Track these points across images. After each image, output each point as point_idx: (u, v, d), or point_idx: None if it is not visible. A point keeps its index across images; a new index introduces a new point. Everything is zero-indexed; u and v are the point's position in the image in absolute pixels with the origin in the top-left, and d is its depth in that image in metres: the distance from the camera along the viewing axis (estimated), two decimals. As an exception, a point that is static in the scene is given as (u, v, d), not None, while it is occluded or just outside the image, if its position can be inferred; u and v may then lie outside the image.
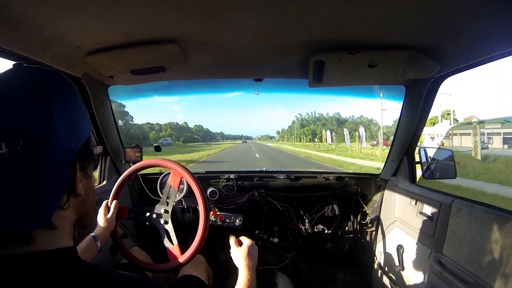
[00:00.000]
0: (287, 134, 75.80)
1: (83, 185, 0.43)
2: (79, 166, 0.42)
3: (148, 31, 0.86)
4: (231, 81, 1.70)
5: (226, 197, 1.62)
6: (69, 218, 0.42)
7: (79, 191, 0.41)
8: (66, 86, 0.42)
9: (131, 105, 69.11)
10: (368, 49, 0.97)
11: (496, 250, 0.84)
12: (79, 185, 0.41)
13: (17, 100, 0.35)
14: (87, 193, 0.44)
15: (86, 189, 0.44)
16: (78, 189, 0.41)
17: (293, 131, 69.14)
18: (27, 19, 0.72)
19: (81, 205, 0.44)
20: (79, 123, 0.42)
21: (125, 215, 1.01)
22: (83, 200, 0.44)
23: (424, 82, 1.21)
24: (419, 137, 1.43)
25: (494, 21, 0.74)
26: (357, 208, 1.79)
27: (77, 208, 0.43)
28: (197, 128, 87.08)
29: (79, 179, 0.41)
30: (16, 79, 0.38)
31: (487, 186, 7.65)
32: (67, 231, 0.42)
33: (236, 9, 0.74)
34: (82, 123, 0.43)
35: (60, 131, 0.37)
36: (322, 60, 1.05)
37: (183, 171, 0.97)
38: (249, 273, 0.74)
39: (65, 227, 0.41)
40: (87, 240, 0.87)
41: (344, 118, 55.63)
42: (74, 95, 0.43)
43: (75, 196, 0.41)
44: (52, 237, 0.39)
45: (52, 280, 0.35)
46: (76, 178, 0.40)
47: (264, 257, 1.70)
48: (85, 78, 1.18)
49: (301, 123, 67.40)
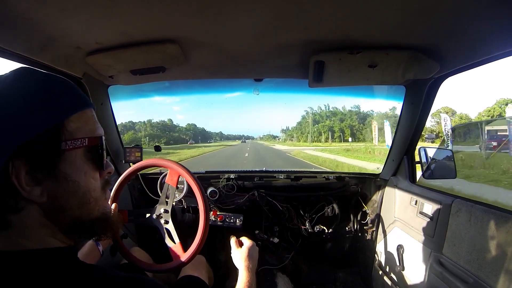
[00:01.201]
0: (297, 132, 64.36)
1: (46, 189, 0.38)
2: (28, 165, 0.36)
3: (148, 31, 0.86)
4: (231, 81, 1.70)
5: (226, 197, 1.62)
6: (40, 222, 0.39)
7: (25, 194, 0.36)
8: (6, 79, 0.38)
9: (130, 105, 67.81)
10: (368, 49, 0.98)
11: (496, 250, 0.84)
12: (25, 188, 0.36)
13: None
14: (58, 199, 0.39)
15: (55, 193, 0.39)
16: (23, 193, 0.36)
17: (304, 128, 58.84)
18: (27, 19, 0.72)
19: (56, 212, 0.40)
20: (17, 117, 0.36)
21: (125, 218, 1.01)
22: (55, 207, 0.39)
23: (424, 82, 1.21)
24: (419, 137, 1.43)
25: (494, 21, 0.74)
26: (357, 208, 1.79)
27: (51, 214, 0.39)
28: (190, 127, 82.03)
29: (22, 182, 0.36)
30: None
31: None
32: (45, 233, 0.39)
33: (236, 9, 0.74)
34: (28, 115, 0.37)
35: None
36: (322, 60, 1.05)
37: (182, 170, 0.97)
38: (249, 275, 0.74)
39: (33, 229, 0.38)
40: (89, 245, 0.87)
41: (366, 112, 47.99)
42: (16, 86, 0.38)
43: (30, 200, 0.37)
44: (8, 237, 0.37)
45: (50, 280, 0.35)
46: (12, 179, 0.35)
47: (264, 257, 1.70)
48: (85, 78, 1.18)
49: (314, 118, 56.77)
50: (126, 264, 1.02)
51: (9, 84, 0.38)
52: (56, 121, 0.39)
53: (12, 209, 0.37)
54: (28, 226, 0.38)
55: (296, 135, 63.60)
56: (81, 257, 0.43)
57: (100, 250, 0.87)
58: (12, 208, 0.37)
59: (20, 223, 0.37)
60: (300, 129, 62.73)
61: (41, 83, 0.40)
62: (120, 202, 1.02)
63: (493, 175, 8.69)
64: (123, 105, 7.50)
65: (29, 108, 0.37)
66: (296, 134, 63.85)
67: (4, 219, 0.36)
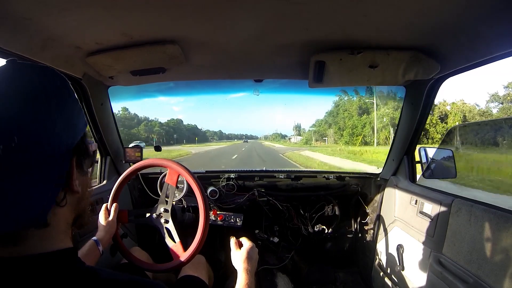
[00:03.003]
0: (323, 128, 38.60)
1: (80, 182, 0.42)
2: (75, 162, 0.41)
3: (148, 31, 0.86)
4: (232, 82, 1.70)
5: (226, 196, 1.62)
6: (66, 217, 0.42)
7: (75, 187, 0.41)
8: (59, 82, 0.42)
9: (129, 105, 62.88)
10: (369, 49, 0.97)
11: (496, 249, 0.84)
12: (75, 181, 0.41)
13: (10, 97, 0.35)
14: (83, 190, 0.44)
15: (82, 186, 0.43)
16: (74, 186, 0.40)
17: (341, 121, 33.21)
18: (27, 19, 0.72)
19: (78, 203, 0.44)
20: (74, 119, 0.41)
21: (125, 218, 1.01)
22: (80, 198, 0.44)
23: (424, 82, 1.21)
24: (419, 137, 1.43)
25: (494, 21, 0.74)
26: (357, 208, 1.79)
27: (74, 206, 0.43)
28: (173, 123, 62.15)
29: (76, 176, 0.41)
30: (8, 76, 0.38)
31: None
32: (63, 230, 0.41)
33: (237, 9, 0.74)
34: (78, 119, 0.42)
35: (55, 128, 0.37)
36: (323, 60, 1.05)
37: (182, 170, 0.97)
38: (248, 277, 0.74)
39: (60, 226, 0.40)
40: (89, 244, 0.87)
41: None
42: (67, 91, 0.42)
43: (72, 193, 0.41)
44: (46, 236, 0.38)
45: (52, 284, 0.35)
46: (72, 174, 0.40)
47: (264, 257, 1.70)
48: (85, 78, 1.18)
49: (343, 107, 33.41)
50: (126, 263, 1.02)
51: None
52: (86, 126, 0.46)
53: (58, 204, 0.39)
54: (60, 222, 0.41)
55: (332, 131, 35.97)
56: (81, 256, 0.43)
57: (100, 250, 0.87)
58: (59, 203, 0.39)
59: (56, 219, 0.39)
60: (334, 122, 36.04)
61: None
62: (120, 202, 1.02)
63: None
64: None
65: (79, 113, 0.43)
66: (333, 129, 35.87)
67: (45, 217, 0.37)
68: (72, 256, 0.40)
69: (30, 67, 0.40)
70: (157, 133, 55.83)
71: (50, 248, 0.38)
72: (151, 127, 56.37)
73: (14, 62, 0.40)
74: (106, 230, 0.92)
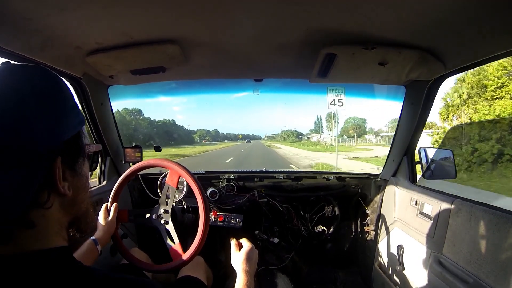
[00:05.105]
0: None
1: (71, 184, 0.40)
2: (62, 163, 0.39)
3: (148, 31, 0.86)
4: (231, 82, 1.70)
5: (226, 197, 1.62)
6: (56, 218, 0.40)
7: (61, 190, 0.39)
8: (49, 81, 0.41)
9: (128, 105, 59.44)
10: (383, 45, 0.95)
11: (496, 250, 0.84)
12: (61, 183, 0.39)
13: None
14: (76, 193, 0.42)
15: (75, 188, 0.41)
16: (60, 188, 0.38)
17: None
18: (27, 19, 0.72)
19: (71, 206, 0.42)
20: (62, 117, 0.39)
21: (125, 217, 1.00)
22: (72, 200, 0.42)
23: (424, 82, 1.21)
24: (419, 137, 1.43)
25: (494, 21, 0.74)
26: (357, 208, 1.79)
27: (66, 208, 0.41)
28: (146, 122, 48.41)
29: (61, 177, 0.38)
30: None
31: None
32: (56, 231, 0.40)
33: (237, 9, 0.74)
34: (68, 117, 0.41)
35: (34, 126, 0.36)
36: (334, 53, 1.01)
37: (182, 170, 0.96)
38: (247, 278, 0.73)
39: (51, 227, 0.39)
40: (88, 243, 0.86)
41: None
42: (58, 87, 0.41)
43: (59, 195, 0.39)
44: (34, 237, 0.37)
45: (43, 281, 0.35)
46: (55, 175, 0.38)
47: (264, 257, 1.70)
48: (85, 78, 1.18)
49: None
50: (126, 264, 1.02)
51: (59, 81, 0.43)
52: (82, 125, 0.44)
53: (41, 205, 0.38)
54: (50, 224, 0.39)
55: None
56: (79, 255, 0.43)
57: (98, 249, 0.87)
58: (42, 204, 0.38)
59: (45, 221, 0.38)
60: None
61: (69, 89, 0.44)
62: (120, 202, 1.02)
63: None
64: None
65: (71, 111, 0.42)
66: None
67: (29, 218, 0.37)
68: (64, 254, 0.40)
69: (21, 68, 0.40)
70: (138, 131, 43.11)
71: (41, 247, 0.37)
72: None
73: (8, 64, 0.40)
74: (105, 230, 0.92)
